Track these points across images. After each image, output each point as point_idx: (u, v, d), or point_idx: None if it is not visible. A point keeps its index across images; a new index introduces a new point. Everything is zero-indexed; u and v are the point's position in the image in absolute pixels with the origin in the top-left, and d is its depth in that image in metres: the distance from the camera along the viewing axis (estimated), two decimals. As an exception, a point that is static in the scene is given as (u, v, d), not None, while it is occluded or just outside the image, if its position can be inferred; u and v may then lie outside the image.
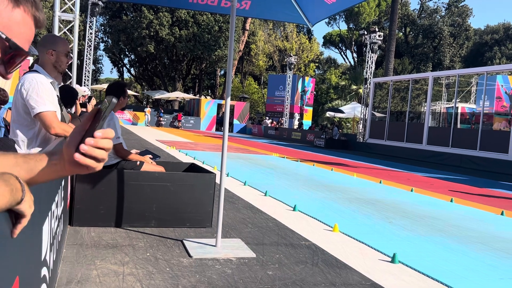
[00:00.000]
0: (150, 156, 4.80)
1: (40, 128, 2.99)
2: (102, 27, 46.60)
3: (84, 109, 7.59)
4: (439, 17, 53.69)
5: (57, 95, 3.24)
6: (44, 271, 1.83)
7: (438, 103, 29.78)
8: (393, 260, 3.84)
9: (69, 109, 5.42)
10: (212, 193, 4.53)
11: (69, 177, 3.72)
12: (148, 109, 37.46)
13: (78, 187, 4.14)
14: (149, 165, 4.72)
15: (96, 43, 44.09)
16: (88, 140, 0.95)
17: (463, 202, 7.82)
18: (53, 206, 2.26)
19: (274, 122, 36.71)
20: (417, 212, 6.47)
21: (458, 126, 23.38)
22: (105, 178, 4.22)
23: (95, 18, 25.85)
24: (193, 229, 4.41)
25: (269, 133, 33.91)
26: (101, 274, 3.04)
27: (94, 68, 50.68)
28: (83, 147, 0.95)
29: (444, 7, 54.84)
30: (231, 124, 38.44)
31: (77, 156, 0.95)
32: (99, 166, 0.98)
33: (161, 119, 37.22)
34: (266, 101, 40.69)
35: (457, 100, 21.89)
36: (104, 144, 0.97)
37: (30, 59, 7.71)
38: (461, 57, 54.60)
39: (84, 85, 23.17)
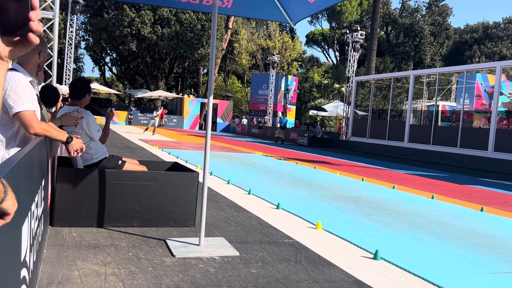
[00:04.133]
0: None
1: (19, 127, 2.94)
2: (83, 25, 46.00)
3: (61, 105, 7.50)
4: (420, 16, 54.26)
5: (37, 94, 3.19)
6: (24, 272, 1.80)
7: (419, 101, 30.14)
8: (375, 257, 3.87)
9: (49, 109, 5.34)
10: (195, 192, 4.52)
11: (49, 177, 3.67)
12: (158, 113, 25.43)
13: (59, 187, 4.09)
14: (131, 165, 4.69)
15: (77, 41, 43.54)
16: (33, 13, 0.86)
17: (444, 198, 7.93)
18: (33, 206, 2.23)
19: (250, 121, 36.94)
20: (399, 209, 6.54)
21: (439, 124, 23.68)
22: (86, 177, 4.18)
23: (75, 16, 25.50)
24: (176, 228, 4.39)
25: (253, 132, 33.90)
26: (82, 275, 3.00)
27: (75, 67, 50.00)
28: (34, 25, 0.86)
29: (425, 6, 55.45)
30: (214, 122, 38.32)
31: (32, 36, 0.87)
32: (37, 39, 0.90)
33: (131, 116, 34.77)
34: (250, 100, 40.68)
35: (438, 98, 22.17)
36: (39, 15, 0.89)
37: None
38: (441, 55, 55.29)
39: (65, 84, 22.85)
